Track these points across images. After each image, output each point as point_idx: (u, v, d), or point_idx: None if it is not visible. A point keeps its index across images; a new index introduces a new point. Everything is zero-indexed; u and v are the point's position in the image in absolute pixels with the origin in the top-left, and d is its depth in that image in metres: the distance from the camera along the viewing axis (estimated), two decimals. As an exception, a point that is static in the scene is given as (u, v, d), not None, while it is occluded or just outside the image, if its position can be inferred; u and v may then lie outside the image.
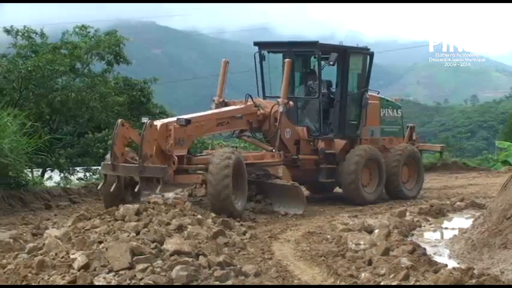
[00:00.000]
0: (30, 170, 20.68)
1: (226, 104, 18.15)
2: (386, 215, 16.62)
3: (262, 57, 19.26)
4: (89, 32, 25.61)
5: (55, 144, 24.44)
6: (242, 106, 17.71)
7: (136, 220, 13.20)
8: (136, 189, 15.22)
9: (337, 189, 20.18)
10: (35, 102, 22.55)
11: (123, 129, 15.18)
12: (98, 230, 12.61)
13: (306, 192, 19.23)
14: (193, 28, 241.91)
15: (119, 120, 15.49)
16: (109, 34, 25.68)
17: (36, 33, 24.93)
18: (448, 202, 19.07)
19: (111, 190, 15.19)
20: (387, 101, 21.30)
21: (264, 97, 19.18)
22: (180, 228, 12.49)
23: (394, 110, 21.20)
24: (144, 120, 15.45)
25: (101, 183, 15.78)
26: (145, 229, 12.40)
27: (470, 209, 18.04)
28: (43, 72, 23.07)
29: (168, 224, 12.70)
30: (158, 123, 15.55)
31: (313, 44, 19.17)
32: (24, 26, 25.06)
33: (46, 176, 25.34)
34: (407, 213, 16.77)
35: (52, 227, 13.91)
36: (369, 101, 19.83)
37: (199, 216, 13.55)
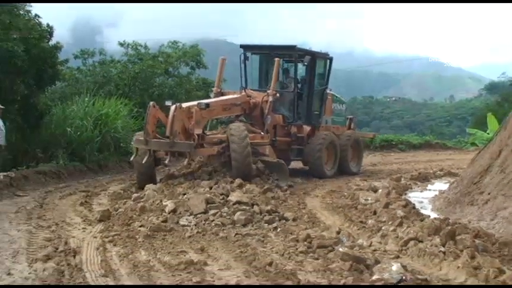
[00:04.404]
0: (135, 142, 20.84)
1: (222, 94, 16.67)
2: (387, 180, 16.51)
3: (246, 58, 17.55)
4: (178, 46, 25.66)
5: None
6: (239, 96, 16.24)
7: (209, 179, 13.30)
8: (166, 162, 13.80)
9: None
10: (139, 95, 22.65)
11: (154, 110, 13.64)
12: (183, 186, 12.72)
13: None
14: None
15: (151, 103, 13.89)
16: (192, 47, 25.65)
17: (141, 46, 25.03)
18: (431, 171, 18.91)
19: (144, 162, 13.55)
20: (336, 96, 19.61)
21: (242, 89, 17.16)
22: (241, 186, 12.53)
23: (341, 105, 19.65)
24: (168, 103, 14.12)
25: (133, 155, 14.10)
26: (216, 185, 12.50)
27: (448, 176, 17.83)
28: (146, 73, 23.22)
29: (232, 182, 12.76)
30: (184, 105, 14.00)
31: (292, 48, 17.36)
32: (133, 41, 25.19)
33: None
34: (402, 179, 16.61)
35: (150, 183, 13.98)
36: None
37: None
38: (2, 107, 14.83)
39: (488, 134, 28.55)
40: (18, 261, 8.06)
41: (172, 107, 13.47)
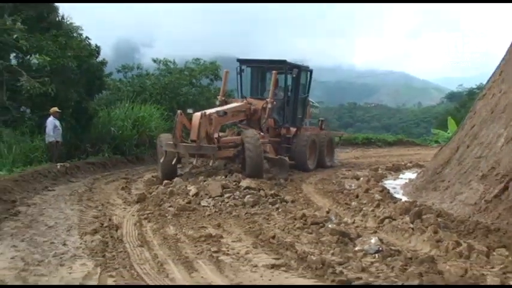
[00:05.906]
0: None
1: (226, 102, 15.82)
2: (367, 170, 16.46)
3: (241, 70, 16.84)
4: (200, 62, 25.59)
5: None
6: (242, 103, 15.43)
7: (224, 169, 13.29)
8: (194, 163, 13.26)
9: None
10: (169, 101, 22.58)
11: (181, 117, 12.91)
12: (203, 174, 12.72)
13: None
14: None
15: (178, 111, 13.00)
16: (211, 63, 25.51)
17: (170, 62, 24.98)
18: (403, 163, 18.81)
19: (173, 163, 12.95)
20: (313, 102, 19.12)
21: (242, 97, 16.36)
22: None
23: (316, 109, 19.30)
24: (190, 111, 13.40)
25: (162, 158, 13.18)
26: (230, 174, 12.49)
27: (416, 167, 17.71)
28: (174, 84, 23.19)
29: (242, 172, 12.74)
30: (206, 112, 13.15)
31: (283, 62, 16.52)
32: (164, 58, 25.18)
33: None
34: (379, 169, 16.55)
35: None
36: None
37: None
38: (59, 110, 14.92)
39: (448, 133, 28.45)
40: (72, 234, 8.09)
41: (198, 114, 12.88)
